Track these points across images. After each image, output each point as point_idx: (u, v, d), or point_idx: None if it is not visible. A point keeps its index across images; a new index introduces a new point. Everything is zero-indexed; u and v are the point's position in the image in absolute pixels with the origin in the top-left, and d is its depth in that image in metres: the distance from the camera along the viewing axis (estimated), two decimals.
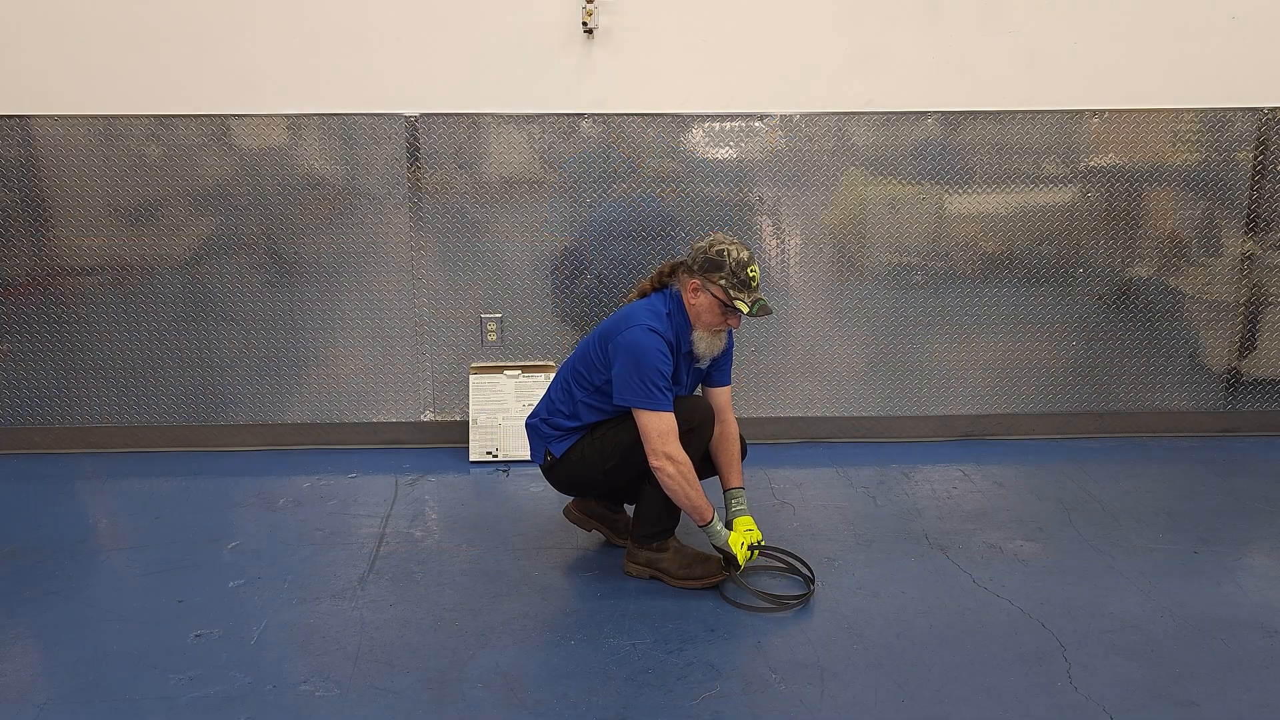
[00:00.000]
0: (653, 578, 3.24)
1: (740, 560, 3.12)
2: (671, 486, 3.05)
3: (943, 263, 4.35)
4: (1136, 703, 2.60)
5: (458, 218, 4.22)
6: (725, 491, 3.32)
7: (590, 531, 3.51)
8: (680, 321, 3.14)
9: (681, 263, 3.18)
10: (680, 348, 3.15)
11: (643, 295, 3.25)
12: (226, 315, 4.26)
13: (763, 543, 3.21)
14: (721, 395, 3.35)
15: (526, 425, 3.37)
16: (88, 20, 4.00)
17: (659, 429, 3.02)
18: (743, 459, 3.37)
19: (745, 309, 3.05)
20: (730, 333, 3.25)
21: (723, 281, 3.05)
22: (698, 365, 3.24)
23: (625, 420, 3.12)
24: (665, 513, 3.19)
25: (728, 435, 3.32)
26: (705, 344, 3.16)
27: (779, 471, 4.10)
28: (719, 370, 3.33)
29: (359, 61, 4.08)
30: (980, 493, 3.93)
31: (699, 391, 3.37)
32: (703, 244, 3.12)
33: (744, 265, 3.06)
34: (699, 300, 3.10)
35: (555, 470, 3.31)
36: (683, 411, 3.11)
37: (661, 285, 3.23)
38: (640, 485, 3.22)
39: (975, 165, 4.26)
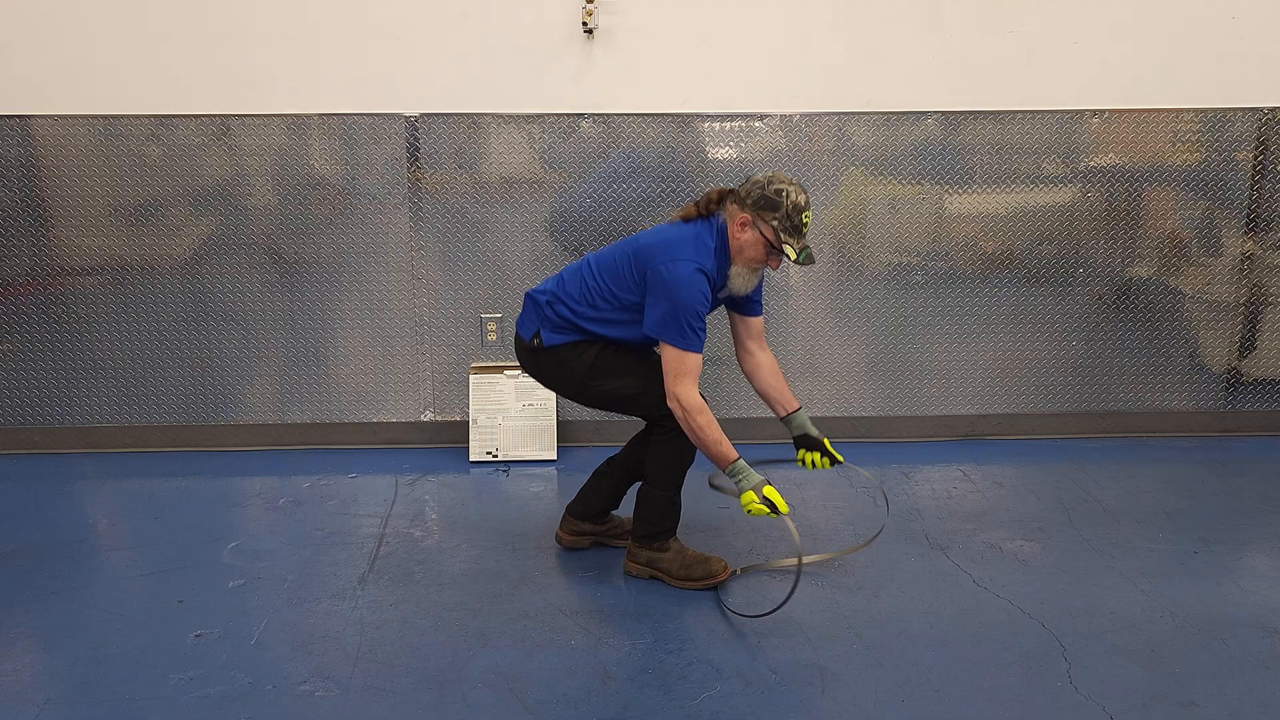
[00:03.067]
0: (653, 578, 3.24)
1: (782, 509, 2.93)
2: (682, 429, 3.01)
3: (943, 263, 4.34)
4: (1136, 703, 2.60)
5: (458, 218, 4.22)
6: (784, 419, 3.23)
7: (588, 547, 3.48)
8: (722, 255, 3.04)
9: (732, 191, 3.04)
10: (716, 283, 3.06)
11: (686, 220, 3.10)
12: (226, 315, 4.26)
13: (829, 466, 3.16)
14: (756, 324, 3.27)
15: (526, 295, 3.22)
16: (88, 20, 3.99)
17: (677, 369, 2.95)
18: None
19: (792, 255, 2.96)
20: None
21: (775, 223, 2.96)
22: (721, 296, 3.15)
23: (634, 366, 3.07)
24: (666, 513, 3.20)
25: (768, 364, 3.27)
26: (742, 280, 3.07)
27: (779, 472, 4.09)
28: (752, 301, 3.24)
29: (359, 61, 4.07)
30: (980, 493, 3.93)
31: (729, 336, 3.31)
32: (760, 178, 3.00)
33: (800, 210, 2.96)
34: (744, 235, 3.00)
35: (536, 356, 3.20)
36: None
37: (708, 213, 3.08)
38: (622, 479, 3.28)
39: (975, 165, 4.25)
